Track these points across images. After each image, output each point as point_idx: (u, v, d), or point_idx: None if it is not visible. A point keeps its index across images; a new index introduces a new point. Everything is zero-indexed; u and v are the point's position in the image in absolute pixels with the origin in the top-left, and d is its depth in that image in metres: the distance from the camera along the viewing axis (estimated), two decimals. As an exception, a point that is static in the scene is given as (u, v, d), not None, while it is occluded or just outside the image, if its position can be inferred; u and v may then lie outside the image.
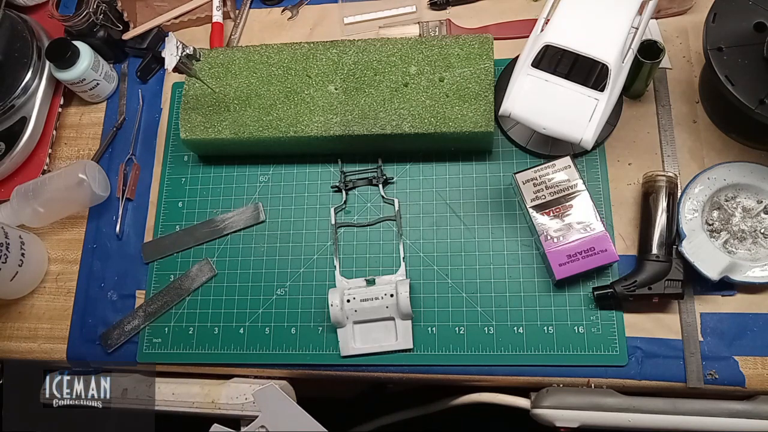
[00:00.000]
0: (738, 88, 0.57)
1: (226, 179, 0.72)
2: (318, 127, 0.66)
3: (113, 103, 0.79)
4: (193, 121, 0.68)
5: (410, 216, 0.68)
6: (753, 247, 0.61)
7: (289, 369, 0.65)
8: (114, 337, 0.68)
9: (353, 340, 0.63)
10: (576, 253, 0.59)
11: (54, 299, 0.72)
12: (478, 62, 0.65)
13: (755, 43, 0.58)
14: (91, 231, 0.74)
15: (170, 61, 0.61)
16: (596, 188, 0.65)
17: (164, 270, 0.70)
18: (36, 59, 0.74)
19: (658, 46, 0.61)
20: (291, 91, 0.68)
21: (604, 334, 0.60)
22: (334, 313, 0.61)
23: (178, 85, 0.78)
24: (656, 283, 0.58)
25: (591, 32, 0.56)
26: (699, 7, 0.70)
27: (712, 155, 0.65)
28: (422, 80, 0.66)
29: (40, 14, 0.83)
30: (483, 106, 0.63)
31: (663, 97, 0.67)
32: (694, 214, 0.61)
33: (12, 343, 0.71)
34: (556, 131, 0.57)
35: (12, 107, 0.74)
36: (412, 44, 0.67)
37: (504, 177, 0.67)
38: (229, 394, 0.63)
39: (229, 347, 0.66)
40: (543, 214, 0.61)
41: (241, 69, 0.69)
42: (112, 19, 0.78)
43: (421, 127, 0.64)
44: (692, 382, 0.58)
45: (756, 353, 0.58)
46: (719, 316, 0.60)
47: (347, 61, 0.68)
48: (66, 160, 0.78)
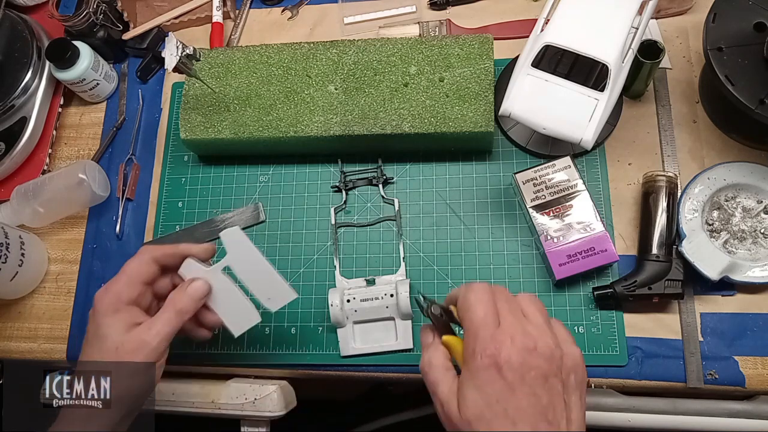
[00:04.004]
0: (738, 88, 0.57)
1: (226, 179, 0.72)
2: (318, 127, 0.66)
3: (113, 103, 0.79)
4: (193, 121, 0.68)
5: (410, 216, 0.68)
6: (753, 247, 0.61)
7: (289, 369, 0.65)
8: (114, 337, 0.68)
9: (353, 340, 0.63)
10: (576, 253, 0.59)
11: (54, 299, 0.72)
12: (478, 62, 0.65)
13: (755, 43, 0.58)
14: (91, 231, 0.74)
15: (170, 61, 0.61)
16: (596, 188, 0.65)
17: (164, 270, 0.70)
18: (36, 59, 0.74)
19: (658, 46, 0.61)
20: (291, 91, 0.68)
21: (604, 334, 0.60)
22: (334, 313, 0.61)
23: (178, 85, 0.78)
24: (656, 283, 0.58)
25: (591, 32, 0.56)
26: (699, 7, 0.70)
27: (712, 155, 0.65)
28: (422, 80, 0.66)
29: (40, 14, 0.83)
30: (483, 106, 0.63)
31: (663, 97, 0.67)
32: (694, 214, 0.61)
33: (12, 343, 0.71)
34: (556, 131, 0.57)
35: (12, 107, 0.74)
36: (412, 44, 0.67)
37: (504, 177, 0.67)
38: (229, 394, 0.63)
39: (229, 347, 0.66)
40: (543, 214, 0.61)
41: (241, 69, 0.69)
42: (112, 19, 0.78)
43: (421, 127, 0.64)
44: (692, 382, 0.58)
45: (756, 353, 0.58)
46: (719, 316, 0.60)
47: (347, 61, 0.68)
48: (66, 160, 0.78)
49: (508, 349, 0.40)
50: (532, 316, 0.43)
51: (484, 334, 0.41)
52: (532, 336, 0.41)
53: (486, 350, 0.40)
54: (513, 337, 0.40)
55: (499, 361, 0.40)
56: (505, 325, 0.41)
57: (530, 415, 0.39)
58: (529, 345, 0.40)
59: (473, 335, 0.42)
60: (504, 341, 0.40)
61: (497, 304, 0.43)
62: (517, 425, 0.39)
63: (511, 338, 0.40)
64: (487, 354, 0.40)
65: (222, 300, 0.55)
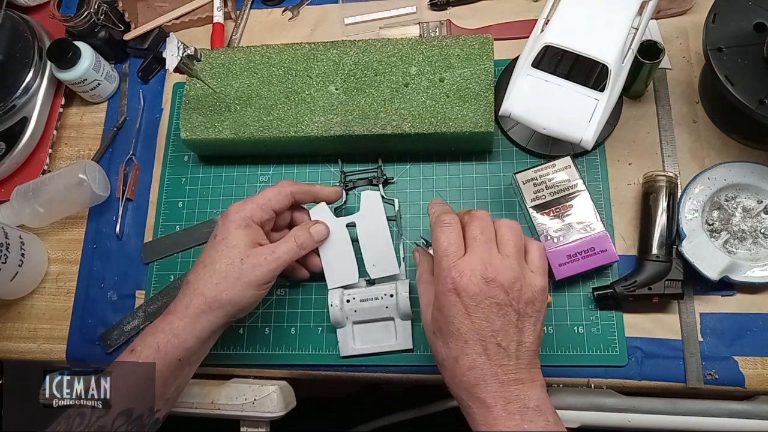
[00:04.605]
0: (738, 88, 0.57)
1: (226, 179, 0.72)
2: (318, 127, 0.66)
3: (114, 103, 0.80)
4: (194, 121, 0.68)
5: (410, 216, 0.68)
6: (753, 247, 0.61)
7: (289, 369, 0.65)
8: (114, 337, 0.68)
9: (353, 341, 0.62)
10: (576, 253, 0.59)
11: (54, 299, 0.72)
12: (478, 62, 0.65)
13: (755, 43, 0.58)
14: (91, 231, 0.74)
15: (171, 62, 0.62)
16: (596, 188, 0.65)
17: (164, 270, 0.70)
18: (37, 59, 0.75)
19: (658, 46, 0.61)
20: (292, 91, 0.68)
21: (604, 334, 0.60)
22: (334, 313, 0.61)
23: (179, 85, 0.78)
24: (656, 283, 0.58)
25: (591, 32, 0.56)
26: (699, 7, 0.70)
27: (712, 155, 0.65)
28: (422, 80, 0.66)
29: (42, 14, 0.83)
30: (483, 106, 0.64)
31: (663, 97, 0.68)
32: (694, 214, 0.61)
33: (12, 343, 0.71)
34: (556, 131, 0.57)
35: (13, 107, 0.74)
36: (412, 45, 0.67)
37: (504, 177, 0.67)
38: (228, 394, 0.63)
39: (228, 347, 0.65)
40: (543, 214, 0.61)
41: (241, 69, 0.69)
42: (113, 19, 0.78)
43: (421, 127, 0.64)
44: (692, 382, 0.58)
45: (756, 353, 0.58)
46: (719, 316, 0.60)
47: (348, 62, 0.68)
48: (66, 160, 0.78)
49: (467, 278, 0.45)
50: (504, 245, 0.48)
51: (445, 263, 0.47)
52: (494, 267, 0.46)
53: (446, 278, 0.46)
54: (474, 268, 0.46)
55: (458, 287, 0.45)
56: (470, 255, 0.47)
57: (481, 335, 0.45)
58: (489, 275, 0.45)
59: (437, 263, 0.48)
60: (464, 271, 0.46)
61: (470, 233, 0.48)
62: (468, 343, 0.46)
63: (472, 269, 0.46)
64: (447, 281, 0.46)
65: (332, 250, 0.62)
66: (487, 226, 0.49)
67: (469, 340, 0.46)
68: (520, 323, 0.47)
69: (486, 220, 0.49)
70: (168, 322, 0.53)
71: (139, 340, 0.54)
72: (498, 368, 0.45)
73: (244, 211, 0.56)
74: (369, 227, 0.62)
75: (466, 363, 0.46)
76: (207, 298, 0.53)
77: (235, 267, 0.54)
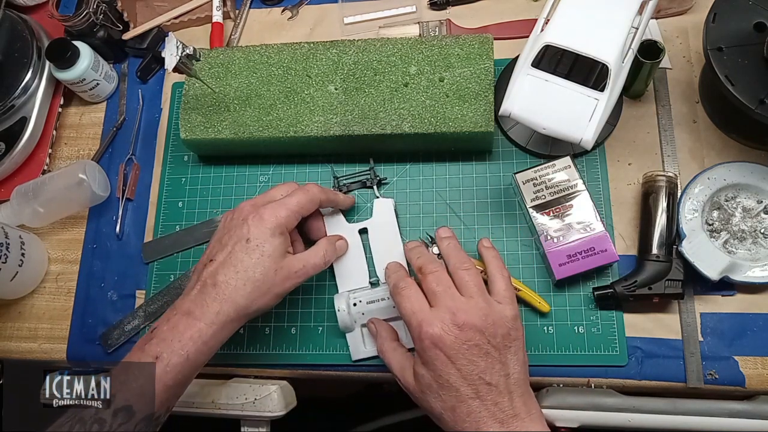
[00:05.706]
0: (738, 88, 0.57)
1: (226, 179, 0.72)
2: (318, 127, 0.66)
3: (113, 103, 0.79)
4: (193, 121, 0.68)
5: (410, 216, 0.68)
6: (753, 247, 0.61)
7: (289, 369, 0.65)
8: (114, 337, 0.68)
9: (363, 344, 0.62)
10: (576, 253, 0.59)
11: (54, 299, 0.72)
12: (478, 62, 0.65)
13: (755, 43, 0.58)
14: (91, 231, 0.74)
15: (170, 61, 0.61)
16: (596, 188, 0.65)
17: (164, 270, 0.70)
18: (36, 59, 0.74)
19: (658, 46, 0.61)
20: (291, 91, 0.68)
21: (604, 334, 0.60)
22: (342, 318, 0.61)
23: (178, 85, 0.78)
24: (656, 283, 0.58)
25: (591, 32, 0.56)
26: (699, 7, 0.70)
27: (712, 155, 0.65)
28: (422, 80, 0.66)
29: (40, 14, 0.83)
30: (483, 106, 0.63)
31: (663, 97, 0.67)
32: (694, 214, 0.61)
33: (12, 343, 0.71)
34: (556, 131, 0.57)
35: (12, 107, 0.74)
36: (412, 44, 0.67)
37: (504, 177, 0.67)
38: (229, 394, 0.63)
39: (228, 347, 0.65)
40: (543, 214, 0.61)
41: (241, 69, 0.69)
42: (112, 19, 0.78)
43: (421, 127, 0.64)
44: (692, 382, 0.58)
45: (756, 353, 0.58)
46: (719, 316, 0.60)
47: (347, 61, 0.68)
48: (66, 160, 0.78)
49: (440, 329, 0.47)
50: (464, 287, 0.50)
51: (415, 322, 0.49)
52: (462, 311, 0.48)
53: (422, 335, 0.48)
54: (443, 318, 0.48)
55: (435, 341, 0.47)
56: (436, 309, 0.49)
57: (470, 380, 0.47)
58: (459, 321, 0.48)
59: (409, 326, 0.50)
60: (435, 324, 0.48)
61: (428, 288, 0.51)
62: (459, 390, 0.47)
63: (442, 320, 0.48)
64: (424, 338, 0.48)
65: (345, 255, 0.63)
66: (441, 275, 0.51)
67: (460, 387, 0.47)
68: (502, 357, 0.48)
69: (439, 271, 0.52)
70: (197, 329, 0.51)
71: (162, 344, 0.50)
72: (494, 407, 0.47)
73: (280, 218, 0.55)
74: (380, 234, 0.64)
75: (463, 410, 0.47)
76: (238, 307, 0.52)
77: (268, 278, 0.53)
